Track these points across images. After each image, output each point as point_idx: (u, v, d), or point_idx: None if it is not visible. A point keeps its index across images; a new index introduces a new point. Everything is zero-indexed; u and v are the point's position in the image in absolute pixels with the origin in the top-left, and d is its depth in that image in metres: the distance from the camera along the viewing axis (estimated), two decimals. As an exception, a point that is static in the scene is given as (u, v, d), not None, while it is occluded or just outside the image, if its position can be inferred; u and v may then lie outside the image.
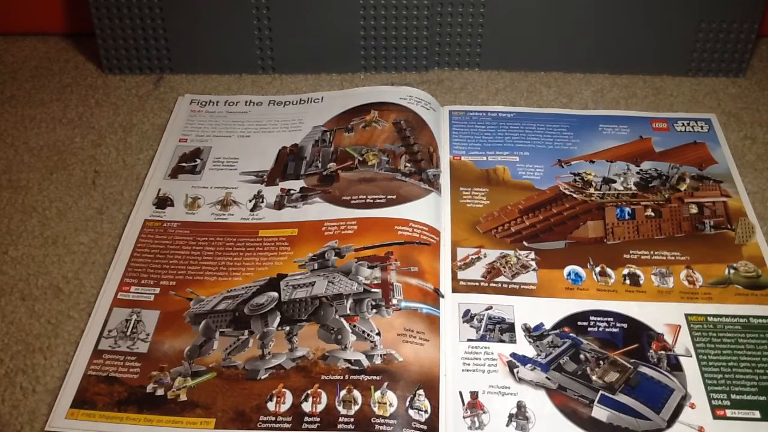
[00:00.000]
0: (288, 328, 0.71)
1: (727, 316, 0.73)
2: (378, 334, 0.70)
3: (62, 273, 0.78)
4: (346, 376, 0.67)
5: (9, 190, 0.87)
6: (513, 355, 0.70)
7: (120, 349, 0.70)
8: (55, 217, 0.84)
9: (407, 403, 0.65)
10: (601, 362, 0.69)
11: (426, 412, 0.65)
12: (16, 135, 0.95)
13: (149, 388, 0.67)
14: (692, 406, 0.66)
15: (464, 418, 0.65)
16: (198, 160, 0.90)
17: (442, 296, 0.74)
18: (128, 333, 0.72)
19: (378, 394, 0.66)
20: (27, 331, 0.73)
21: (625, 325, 0.72)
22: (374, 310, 0.72)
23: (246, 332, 0.71)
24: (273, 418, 0.65)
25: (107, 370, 0.69)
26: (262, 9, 0.98)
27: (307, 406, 0.65)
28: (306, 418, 0.64)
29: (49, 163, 0.91)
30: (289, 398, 0.66)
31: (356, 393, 0.66)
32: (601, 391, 0.67)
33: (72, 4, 1.06)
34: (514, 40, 1.01)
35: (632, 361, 0.69)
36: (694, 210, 0.84)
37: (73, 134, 0.95)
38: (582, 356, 0.70)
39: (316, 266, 0.76)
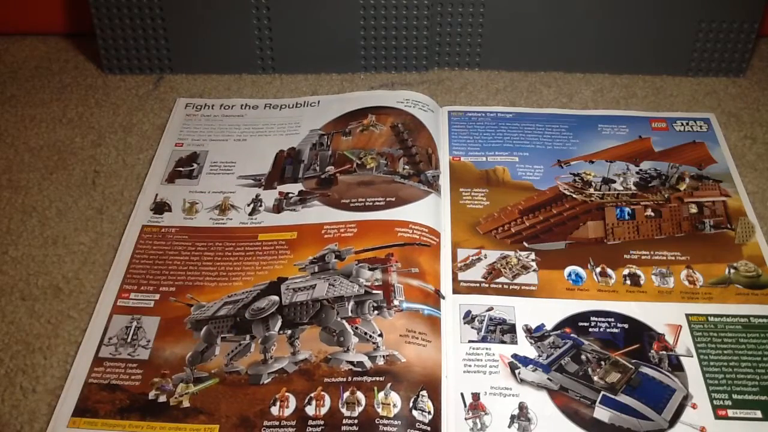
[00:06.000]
0: (290, 331, 0.71)
1: (727, 316, 0.73)
2: (380, 335, 0.70)
3: (62, 273, 0.78)
4: (349, 378, 0.67)
5: (9, 190, 0.87)
6: (514, 356, 0.70)
7: (121, 356, 0.70)
8: (55, 217, 0.84)
9: (411, 404, 0.65)
10: (603, 363, 0.69)
11: (429, 413, 0.65)
12: (16, 135, 0.94)
13: (151, 395, 0.67)
14: (694, 407, 0.66)
15: (466, 419, 0.65)
16: (195, 165, 0.90)
17: (443, 297, 0.74)
18: (129, 340, 0.71)
19: (381, 395, 0.65)
20: (27, 331, 0.73)
21: (626, 326, 0.73)
22: (376, 312, 0.72)
23: (248, 337, 0.71)
24: (277, 423, 0.64)
25: (108, 378, 0.68)
26: (262, 9, 0.98)
27: (310, 410, 0.65)
28: (310, 422, 0.64)
29: (49, 163, 0.91)
30: (292, 402, 0.66)
31: (359, 394, 0.66)
32: (602, 392, 0.67)
33: (72, 4, 1.06)
34: (514, 40, 1.01)
35: (633, 361, 0.69)
36: (693, 210, 0.84)
37: (73, 134, 0.95)
38: (583, 357, 0.70)
39: (316, 269, 0.76)
